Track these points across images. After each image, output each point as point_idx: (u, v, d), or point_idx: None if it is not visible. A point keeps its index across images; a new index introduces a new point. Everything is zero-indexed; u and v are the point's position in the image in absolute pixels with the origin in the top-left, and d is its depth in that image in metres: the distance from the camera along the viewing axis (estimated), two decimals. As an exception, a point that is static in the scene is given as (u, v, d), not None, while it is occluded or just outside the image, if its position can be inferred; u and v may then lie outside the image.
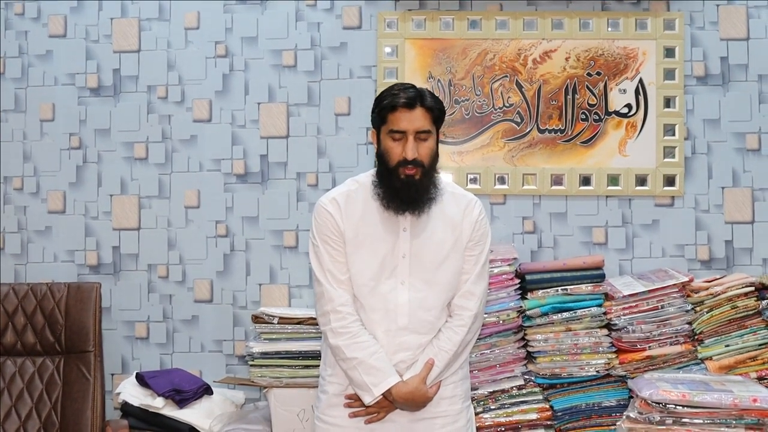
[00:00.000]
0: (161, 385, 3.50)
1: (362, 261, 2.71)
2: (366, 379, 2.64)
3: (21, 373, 3.47)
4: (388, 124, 2.67)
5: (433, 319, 2.73)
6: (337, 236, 2.73)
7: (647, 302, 3.44)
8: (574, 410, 3.42)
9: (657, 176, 3.80)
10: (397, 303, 2.70)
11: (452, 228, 2.76)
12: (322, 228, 2.75)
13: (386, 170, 2.69)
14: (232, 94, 3.91)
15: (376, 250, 2.71)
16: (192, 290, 3.90)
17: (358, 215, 2.74)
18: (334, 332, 2.69)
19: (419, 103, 2.66)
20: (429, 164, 2.69)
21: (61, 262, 3.92)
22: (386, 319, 2.71)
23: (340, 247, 2.73)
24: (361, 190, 2.78)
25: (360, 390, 2.67)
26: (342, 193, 2.79)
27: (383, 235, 2.72)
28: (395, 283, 2.71)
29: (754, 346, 3.41)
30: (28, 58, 3.95)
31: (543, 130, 3.83)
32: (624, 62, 3.82)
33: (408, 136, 2.64)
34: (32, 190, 3.94)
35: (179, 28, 3.93)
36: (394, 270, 2.71)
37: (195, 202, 3.91)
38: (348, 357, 2.66)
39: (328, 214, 2.75)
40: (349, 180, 2.86)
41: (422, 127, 2.65)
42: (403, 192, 2.67)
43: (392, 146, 2.67)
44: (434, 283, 2.73)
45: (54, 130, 3.94)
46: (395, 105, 2.65)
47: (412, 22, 3.85)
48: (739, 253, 3.81)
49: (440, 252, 2.74)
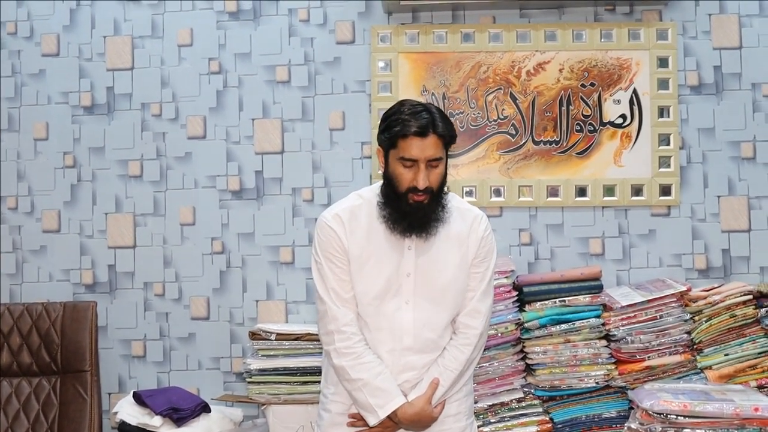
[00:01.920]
0: (159, 404, 3.47)
1: (367, 280, 2.64)
2: (371, 401, 2.59)
3: (17, 394, 3.45)
4: (398, 149, 2.56)
5: (437, 338, 2.67)
6: (341, 254, 2.65)
7: (645, 312, 3.43)
8: (574, 422, 3.41)
9: (653, 186, 3.79)
10: (402, 323, 2.64)
11: (458, 245, 2.69)
12: (325, 245, 2.67)
13: (394, 194, 2.60)
14: (226, 110, 3.91)
15: (380, 269, 2.64)
16: (188, 308, 3.88)
17: (363, 232, 2.65)
18: (339, 353, 2.63)
19: (431, 130, 2.55)
20: (438, 189, 2.61)
21: (57, 281, 3.91)
22: (391, 339, 2.64)
23: (344, 265, 2.65)
24: (366, 205, 2.69)
25: (365, 411, 2.62)
26: (345, 208, 2.70)
27: (388, 253, 2.64)
28: (400, 302, 2.64)
29: (754, 355, 3.40)
30: (21, 77, 3.95)
31: (538, 142, 3.83)
32: (618, 73, 3.83)
33: (419, 165, 2.55)
34: (27, 209, 3.93)
35: (172, 45, 3.93)
36: (399, 289, 2.64)
37: (190, 219, 3.90)
38: (353, 378, 2.61)
39: (331, 231, 2.66)
40: (353, 194, 2.76)
41: (434, 155, 2.55)
42: (411, 216, 2.59)
43: (402, 172, 2.57)
44: (439, 302, 2.66)
45: (48, 148, 3.93)
46: (407, 134, 2.54)
47: (405, 35, 3.85)
48: (736, 262, 3.81)
49: (446, 271, 2.67)
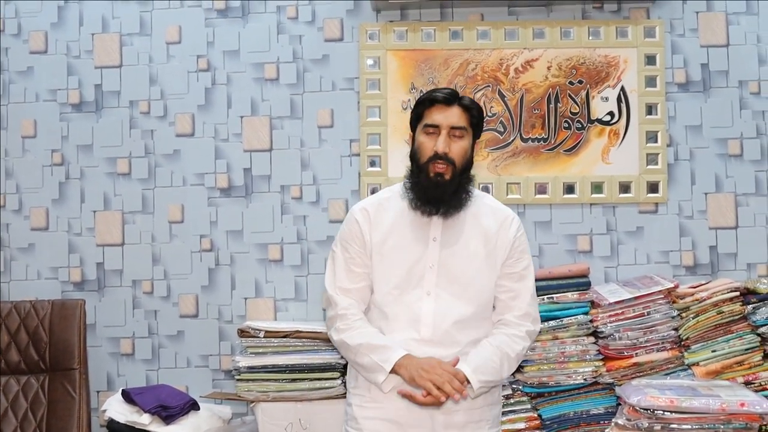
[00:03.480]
0: (147, 402, 3.47)
1: (388, 268, 2.67)
2: (374, 357, 2.57)
3: (5, 392, 3.45)
4: (423, 119, 2.65)
5: (456, 332, 2.63)
6: (359, 245, 2.70)
7: (633, 309, 3.44)
8: (562, 419, 3.42)
9: (640, 183, 3.81)
10: (421, 313, 2.63)
11: (485, 241, 2.69)
12: (345, 234, 2.74)
13: (417, 168, 2.65)
14: (214, 107, 3.91)
15: (403, 259, 2.66)
16: (177, 305, 3.88)
17: (388, 223, 2.70)
18: (338, 330, 2.67)
19: (457, 101, 2.64)
20: (461, 165, 2.64)
21: (45, 279, 3.90)
22: (409, 330, 2.63)
23: (359, 256, 2.70)
24: (394, 198, 2.75)
25: (373, 374, 2.59)
26: (374, 202, 2.77)
27: (412, 244, 2.67)
28: (421, 293, 2.64)
29: (741, 351, 3.42)
30: (9, 74, 3.94)
31: (526, 139, 3.84)
32: (605, 70, 3.84)
33: (441, 131, 2.61)
34: (15, 207, 3.92)
35: (161, 42, 3.92)
36: (421, 280, 2.65)
37: (179, 217, 3.90)
38: (352, 345, 2.62)
39: (354, 222, 2.73)
40: (384, 189, 2.86)
41: (457, 123, 2.62)
42: (431, 191, 2.62)
43: (425, 141, 2.64)
44: (461, 295, 2.65)
45: (36, 146, 3.92)
46: (433, 100, 2.64)
47: (393, 33, 3.85)
48: (723, 259, 3.82)
49: (471, 264, 2.67)
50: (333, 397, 3.45)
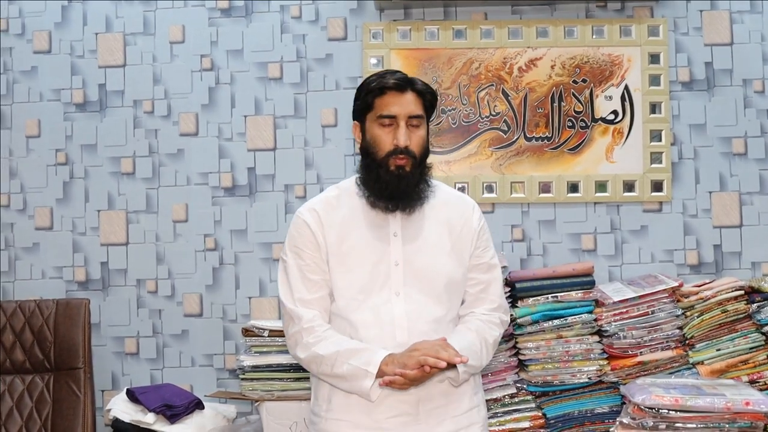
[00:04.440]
0: (152, 401, 3.47)
1: (349, 272, 2.45)
2: (356, 363, 2.33)
3: (10, 391, 3.45)
4: (375, 109, 2.44)
5: (433, 333, 2.41)
6: (312, 249, 2.47)
7: (637, 308, 3.44)
8: (566, 417, 3.42)
9: (644, 182, 3.80)
10: (393, 316, 2.41)
11: (449, 231, 2.51)
12: (295, 239, 2.50)
13: (373, 163, 2.44)
14: (218, 107, 3.91)
15: (364, 259, 2.44)
16: (181, 304, 3.88)
17: (342, 223, 2.48)
18: (307, 346, 2.42)
19: (410, 86, 2.44)
20: (420, 155, 2.45)
21: (49, 278, 3.90)
22: (382, 336, 2.40)
23: (314, 262, 2.47)
24: (344, 195, 2.53)
25: (357, 381, 2.33)
26: (321, 200, 2.54)
27: (371, 242, 2.45)
28: (389, 294, 2.43)
29: (745, 350, 3.41)
30: (13, 74, 3.94)
31: (530, 138, 3.83)
32: (609, 69, 3.83)
33: (399, 122, 2.41)
34: (19, 206, 3.92)
35: (164, 41, 3.93)
36: (387, 280, 2.43)
37: (183, 216, 3.90)
38: (325, 356, 2.37)
39: (304, 224, 2.49)
40: (330, 187, 2.61)
41: (414, 111, 2.42)
42: (393, 185, 2.41)
43: (381, 134, 2.43)
44: (431, 292, 2.46)
45: (40, 146, 3.93)
46: (384, 87, 2.42)
47: (397, 32, 3.85)
48: (728, 257, 3.82)
49: (437, 257, 2.48)
50: (337, 396, 3.45)
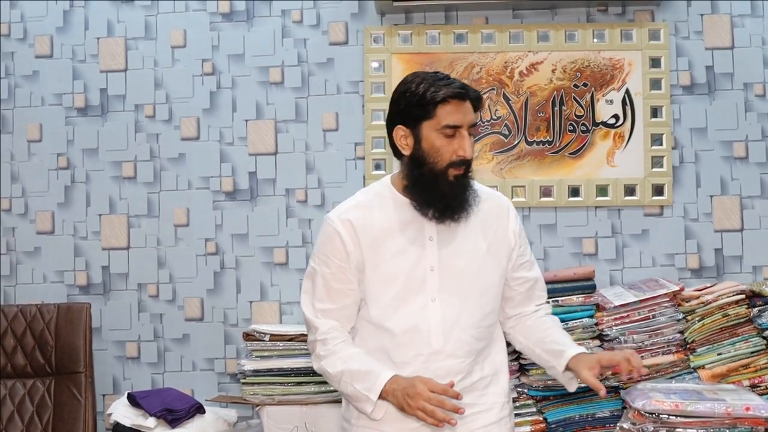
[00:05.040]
0: (153, 405, 3.47)
1: (384, 279, 2.39)
2: (358, 387, 2.30)
3: (11, 396, 3.45)
4: (437, 118, 2.33)
5: (470, 339, 2.40)
6: (340, 259, 2.41)
7: (638, 312, 3.44)
8: (567, 422, 3.41)
9: (645, 186, 3.80)
10: (429, 323, 2.37)
11: (483, 232, 2.45)
12: (325, 247, 2.44)
13: (430, 173, 2.35)
14: (219, 111, 3.91)
15: (399, 265, 2.38)
16: (182, 309, 3.89)
17: (376, 229, 2.41)
18: (318, 357, 2.42)
19: (467, 94, 2.36)
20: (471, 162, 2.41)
21: (51, 282, 3.91)
22: (417, 343, 2.37)
23: (341, 272, 2.41)
24: (377, 199, 2.46)
25: (360, 404, 2.32)
26: (353, 206, 2.46)
27: (406, 247, 2.39)
28: (425, 300, 2.37)
29: (747, 354, 3.41)
30: (15, 78, 3.95)
31: (531, 142, 3.83)
32: (610, 73, 3.83)
33: (462, 132, 2.34)
34: (20, 211, 3.93)
35: (166, 46, 3.93)
36: (423, 285, 2.38)
37: (184, 221, 3.90)
38: (333, 374, 2.37)
39: (335, 233, 2.42)
40: (360, 192, 2.54)
41: (474, 120, 2.37)
42: (452, 197, 2.36)
43: (443, 144, 2.33)
44: (469, 297, 2.41)
45: (42, 150, 3.93)
46: (448, 96, 2.32)
47: (398, 36, 3.86)
48: (729, 261, 3.82)
49: (474, 261, 2.42)
50: (338, 401, 3.44)
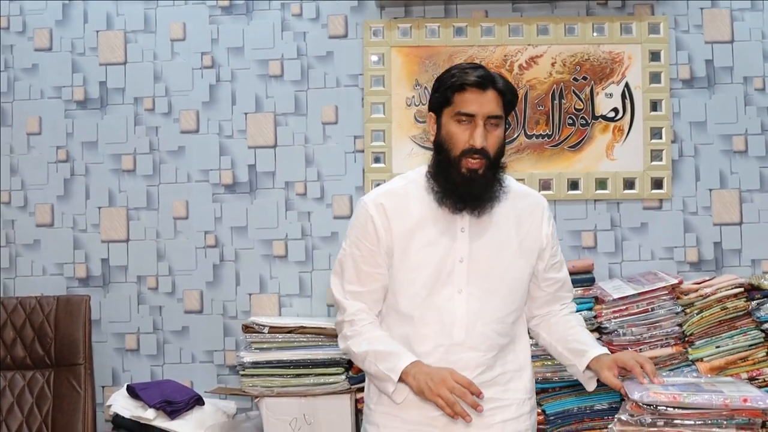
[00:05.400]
0: (152, 397, 3.48)
1: (412, 267, 2.39)
2: (381, 367, 2.31)
3: (11, 387, 3.46)
4: (454, 105, 2.34)
5: (492, 333, 2.40)
6: (371, 243, 2.42)
7: (637, 305, 3.44)
8: (566, 414, 3.42)
9: (645, 179, 3.81)
10: (454, 315, 2.37)
11: (517, 228, 2.45)
12: (357, 230, 2.45)
13: (446, 160, 2.36)
14: (219, 104, 3.91)
15: (428, 254, 2.38)
16: (182, 301, 3.89)
17: (407, 216, 2.41)
18: (345, 338, 2.44)
19: (492, 84, 2.34)
20: (495, 157, 2.37)
21: (50, 275, 3.91)
22: (439, 334, 2.37)
23: (371, 255, 2.42)
24: (412, 186, 2.45)
25: (383, 383, 2.33)
26: (388, 191, 2.47)
27: (437, 237, 2.39)
28: (452, 291, 2.38)
29: (745, 347, 3.41)
30: (14, 71, 3.95)
31: (530, 136, 3.84)
32: (610, 66, 3.83)
33: (477, 121, 2.32)
34: (20, 203, 3.93)
35: (165, 39, 3.93)
36: (450, 276, 2.38)
37: (183, 213, 3.91)
38: (357, 353, 2.38)
39: (368, 216, 2.43)
40: (397, 177, 2.54)
41: (493, 111, 2.33)
42: (463, 187, 2.35)
43: (457, 131, 2.34)
44: (495, 291, 2.41)
45: (41, 143, 3.93)
46: (465, 84, 2.33)
47: (398, 30, 3.86)
48: (728, 255, 3.82)
49: (504, 256, 2.42)
50: (337, 393, 3.46)
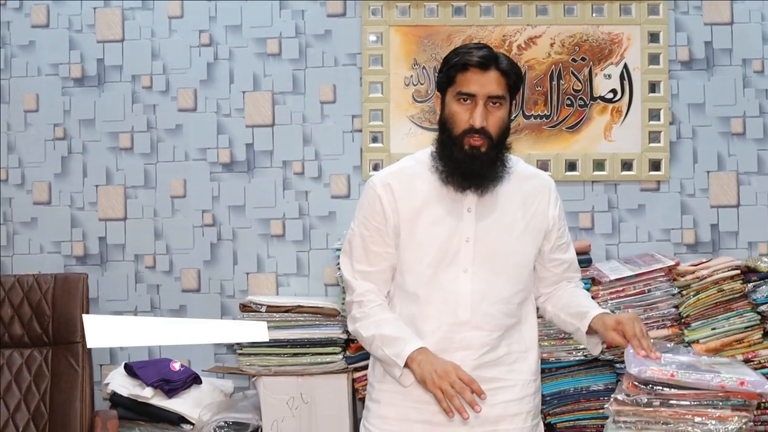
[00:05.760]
0: (150, 375, 3.50)
1: (419, 246, 2.39)
2: (388, 351, 2.31)
3: (9, 365, 3.46)
4: (456, 84, 2.35)
5: (498, 314, 2.40)
6: (379, 222, 2.42)
7: (634, 287, 3.46)
8: (562, 395, 3.44)
9: (642, 161, 3.81)
10: (459, 294, 2.37)
11: (524, 208, 2.45)
12: (365, 209, 2.46)
13: (448, 139, 2.37)
14: (216, 83, 3.90)
15: (434, 234, 2.39)
16: (179, 280, 3.89)
17: (414, 195, 2.42)
18: (354, 320, 2.43)
19: (494, 65, 2.33)
20: (498, 137, 2.36)
21: (48, 253, 3.91)
22: (444, 313, 2.38)
23: (379, 235, 2.43)
24: (419, 167, 2.45)
25: (390, 368, 2.34)
26: (396, 171, 2.48)
27: (443, 217, 2.40)
28: (457, 271, 2.37)
29: (741, 329, 3.43)
30: (11, 48, 3.92)
31: (528, 116, 3.83)
32: (609, 47, 3.83)
33: (478, 101, 2.32)
34: (17, 181, 3.92)
35: (163, 17, 3.91)
36: (456, 256, 2.38)
37: (181, 192, 3.90)
38: (365, 337, 2.38)
39: (375, 196, 2.43)
40: (406, 157, 2.54)
41: (495, 92, 2.33)
42: (466, 165, 2.35)
43: (458, 111, 2.35)
44: (501, 272, 2.40)
45: (38, 120, 3.92)
46: (467, 64, 2.33)
47: (396, 9, 3.84)
48: (724, 237, 3.83)
49: (510, 236, 2.42)
50: (334, 372, 3.47)
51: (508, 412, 2.41)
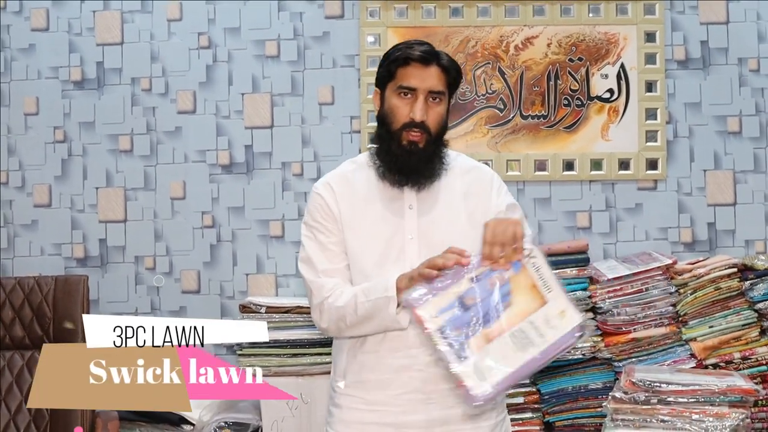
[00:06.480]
0: (150, 376, 3.51)
1: (363, 245, 2.39)
2: (373, 296, 2.27)
3: (10, 367, 3.47)
4: (397, 79, 2.35)
5: None
6: (329, 221, 2.41)
7: (632, 285, 3.46)
8: (560, 393, 3.45)
9: (639, 160, 3.82)
10: None
11: (465, 203, 2.43)
12: (313, 213, 2.44)
13: (387, 134, 2.38)
14: (215, 85, 3.92)
15: (378, 232, 2.38)
16: (179, 281, 3.91)
17: (356, 195, 2.42)
18: (327, 308, 2.36)
19: (435, 60, 2.35)
20: (436, 132, 2.37)
21: (48, 255, 3.92)
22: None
23: (332, 234, 2.41)
24: (359, 169, 2.47)
25: (383, 312, 2.26)
26: (336, 174, 2.50)
27: (386, 215, 2.40)
28: (403, 268, 2.32)
29: (738, 327, 3.44)
30: (11, 51, 3.94)
31: (526, 116, 3.85)
32: (605, 47, 3.84)
33: (418, 95, 2.33)
34: (18, 184, 3.93)
35: (162, 19, 3.92)
36: (401, 254, 2.37)
37: (181, 194, 3.92)
38: (347, 301, 2.31)
39: (319, 197, 2.43)
40: (346, 161, 2.56)
41: (435, 87, 2.34)
42: (403, 160, 2.35)
43: (398, 105, 2.35)
44: None
45: (38, 123, 3.93)
46: (408, 58, 2.33)
47: (394, 10, 3.86)
48: (721, 235, 3.84)
49: (453, 231, 2.38)
50: (334, 372, 3.48)
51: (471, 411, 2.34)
